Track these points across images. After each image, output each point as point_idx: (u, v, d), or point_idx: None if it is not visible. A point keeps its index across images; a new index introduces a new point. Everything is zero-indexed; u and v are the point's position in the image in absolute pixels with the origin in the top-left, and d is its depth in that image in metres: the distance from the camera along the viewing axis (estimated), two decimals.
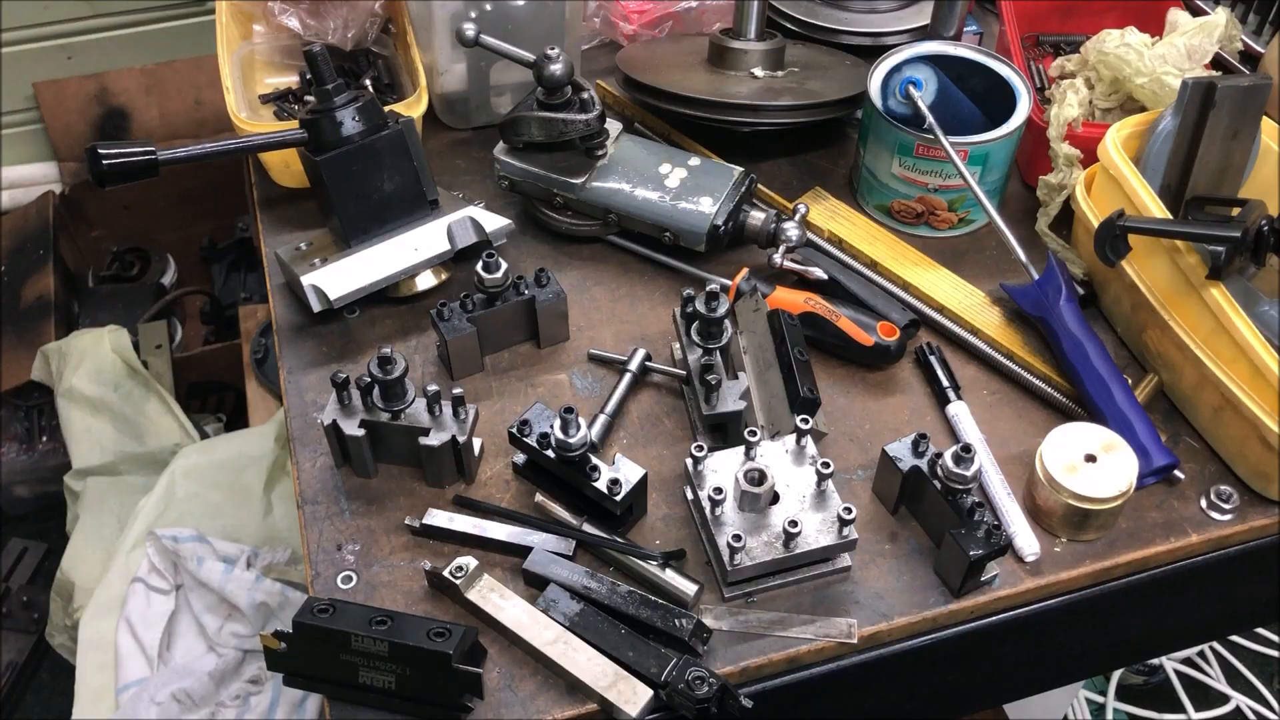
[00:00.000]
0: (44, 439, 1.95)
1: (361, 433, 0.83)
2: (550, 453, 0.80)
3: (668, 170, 1.02)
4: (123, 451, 1.75)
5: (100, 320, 1.98)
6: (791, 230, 0.99)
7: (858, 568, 0.81)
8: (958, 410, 0.90)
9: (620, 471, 0.79)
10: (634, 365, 0.92)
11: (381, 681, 0.71)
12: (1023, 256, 0.96)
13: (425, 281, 1.00)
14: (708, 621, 0.76)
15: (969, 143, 1.00)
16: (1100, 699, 1.78)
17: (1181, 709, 1.79)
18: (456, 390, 0.82)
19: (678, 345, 0.94)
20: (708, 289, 0.83)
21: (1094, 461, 0.80)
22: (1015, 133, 1.02)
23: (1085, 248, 0.99)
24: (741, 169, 1.03)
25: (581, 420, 0.79)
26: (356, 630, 0.70)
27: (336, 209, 0.96)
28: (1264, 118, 0.94)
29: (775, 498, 0.78)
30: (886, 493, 0.84)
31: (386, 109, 0.99)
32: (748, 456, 0.78)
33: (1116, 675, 1.81)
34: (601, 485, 0.79)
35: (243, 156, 1.32)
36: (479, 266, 0.91)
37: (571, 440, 0.78)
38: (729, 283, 0.97)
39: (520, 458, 0.87)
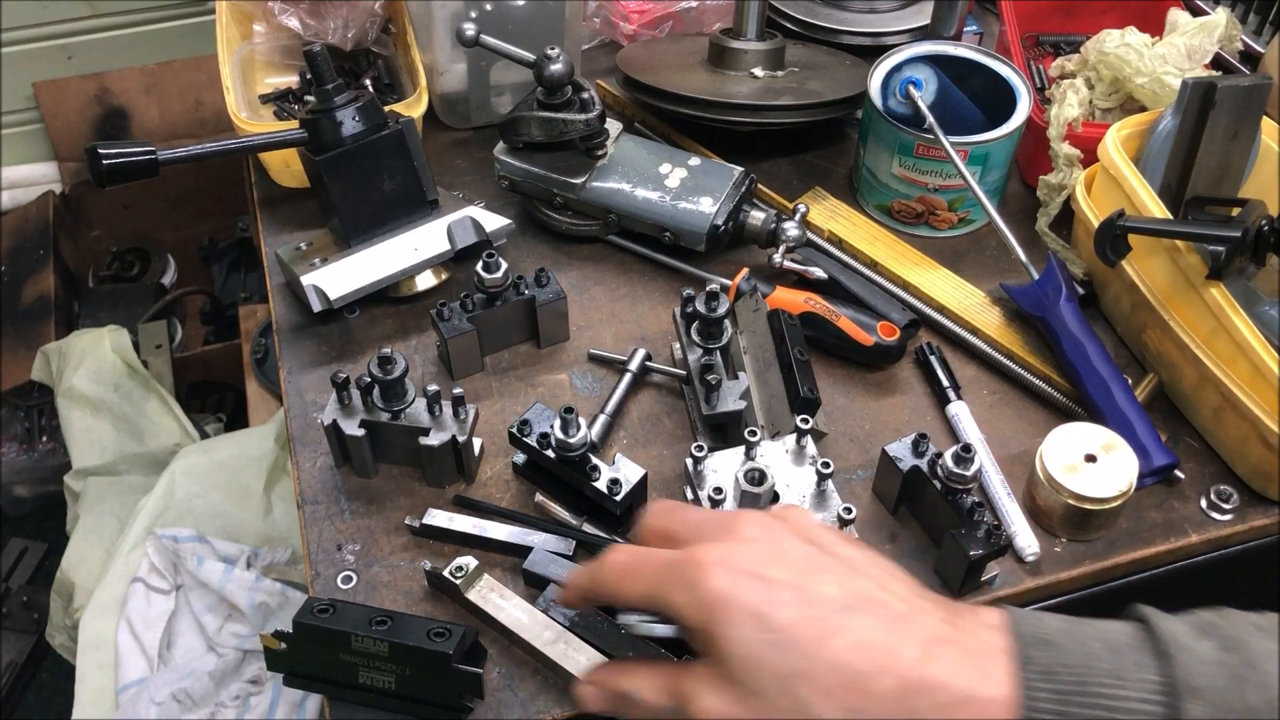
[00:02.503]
0: (44, 439, 1.95)
1: (361, 433, 0.83)
2: (550, 453, 0.80)
3: (668, 170, 1.02)
4: (123, 451, 1.75)
5: (100, 320, 1.98)
6: (791, 230, 0.99)
7: None
8: (958, 410, 0.90)
9: (620, 471, 0.79)
10: (634, 365, 0.92)
11: (381, 681, 0.71)
12: (1023, 256, 0.96)
13: (425, 281, 1.00)
14: None
15: (969, 143, 1.00)
16: None
17: None
18: (456, 390, 0.82)
19: (678, 345, 0.94)
20: (708, 289, 0.83)
21: (1094, 461, 0.80)
22: (1015, 133, 1.02)
23: (1085, 248, 0.99)
24: (741, 169, 1.03)
25: (581, 420, 0.79)
26: (356, 630, 0.70)
27: (336, 209, 0.96)
28: (1264, 118, 0.94)
29: (775, 498, 0.78)
30: (886, 493, 0.84)
31: (386, 109, 0.99)
32: (748, 456, 0.78)
33: None
34: (601, 485, 0.79)
35: (243, 156, 1.32)
36: (479, 266, 0.91)
37: (571, 440, 0.78)
38: (729, 283, 0.97)
39: (520, 458, 0.87)
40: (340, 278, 0.95)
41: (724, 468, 0.79)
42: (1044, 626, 0.53)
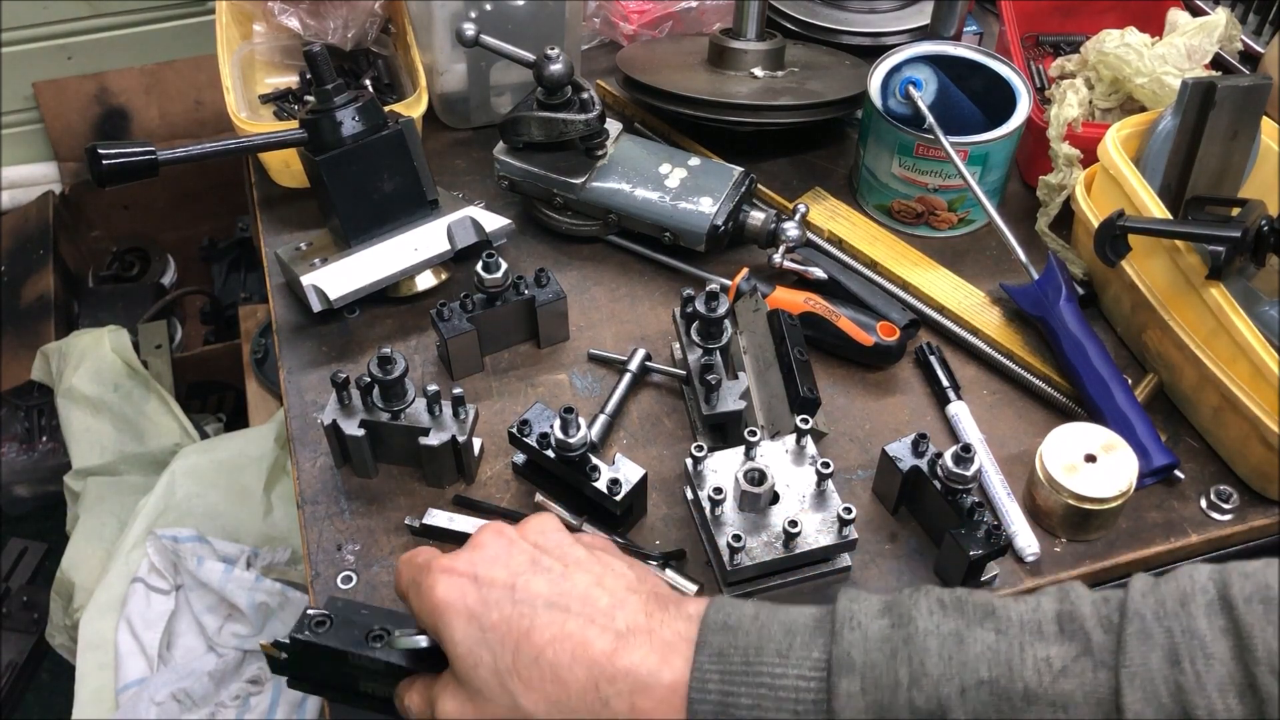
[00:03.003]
0: (44, 439, 1.95)
1: (361, 433, 0.83)
2: (550, 453, 0.80)
3: (668, 170, 1.02)
4: (123, 451, 1.75)
5: (100, 320, 1.98)
6: (791, 230, 0.99)
7: (858, 568, 0.81)
8: (958, 410, 0.90)
9: (620, 471, 0.79)
10: (634, 365, 0.92)
11: (381, 690, 0.71)
12: (1023, 256, 0.96)
13: (425, 281, 1.00)
14: None
15: (969, 143, 1.00)
16: None
17: None
18: (456, 390, 0.82)
19: (678, 345, 0.94)
20: (708, 289, 0.83)
21: (1094, 461, 0.80)
22: (1015, 133, 1.02)
23: (1085, 248, 0.99)
24: (741, 169, 1.03)
25: (581, 420, 0.79)
26: (352, 649, 0.68)
27: (336, 209, 0.96)
28: (1264, 118, 0.94)
29: (775, 498, 0.78)
30: (886, 493, 0.84)
31: (386, 109, 0.99)
32: (748, 456, 0.78)
33: None
34: (601, 485, 0.79)
35: (243, 156, 1.32)
36: (479, 266, 0.91)
37: (571, 440, 0.78)
38: (729, 283, 0.97)
39: (520, 458, 0.87)
40: (340, 278, 0.95)
41: (724, 468, 0.79)
42: (735, 613, 0.57)
